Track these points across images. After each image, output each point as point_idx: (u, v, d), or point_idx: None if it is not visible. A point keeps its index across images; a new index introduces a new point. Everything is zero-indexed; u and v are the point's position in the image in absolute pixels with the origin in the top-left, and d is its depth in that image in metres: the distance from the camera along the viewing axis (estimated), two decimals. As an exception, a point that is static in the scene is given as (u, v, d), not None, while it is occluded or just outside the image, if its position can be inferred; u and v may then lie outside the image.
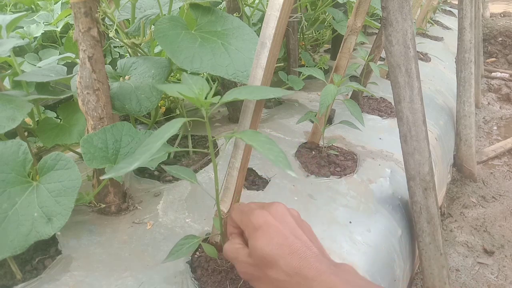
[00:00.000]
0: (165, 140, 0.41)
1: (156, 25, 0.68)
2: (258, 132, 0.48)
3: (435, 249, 0.93)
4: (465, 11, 1.55)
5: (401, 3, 0.76)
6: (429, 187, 0.89)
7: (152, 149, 0.40)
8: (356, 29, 0.93)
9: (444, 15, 3.51)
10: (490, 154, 1.91)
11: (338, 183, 0.92)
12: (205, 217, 0.76)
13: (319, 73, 0.93)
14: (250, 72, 0.53)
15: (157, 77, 0.75)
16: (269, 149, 0.44)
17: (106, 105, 0.66)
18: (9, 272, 0.60)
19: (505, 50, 3.31)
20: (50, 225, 0.54)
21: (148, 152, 0.40)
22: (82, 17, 0.60)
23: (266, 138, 0.46)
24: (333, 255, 0.73)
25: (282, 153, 0.44)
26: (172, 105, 1.12)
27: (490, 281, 1.21)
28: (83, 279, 0.60)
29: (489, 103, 2.58)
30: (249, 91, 0.49)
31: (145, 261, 0.65)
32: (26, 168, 0.57)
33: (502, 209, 1.53)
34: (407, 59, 0.80)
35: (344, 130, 1.15)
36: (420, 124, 0.84)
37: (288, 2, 0.49)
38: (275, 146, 0.45)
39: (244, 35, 0.74)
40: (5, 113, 0.61)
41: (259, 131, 0.48)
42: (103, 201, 0.74)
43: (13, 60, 0.78)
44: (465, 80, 1.61)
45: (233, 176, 0.57)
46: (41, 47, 1.35)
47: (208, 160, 0.94)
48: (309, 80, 1.56)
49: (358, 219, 0.84)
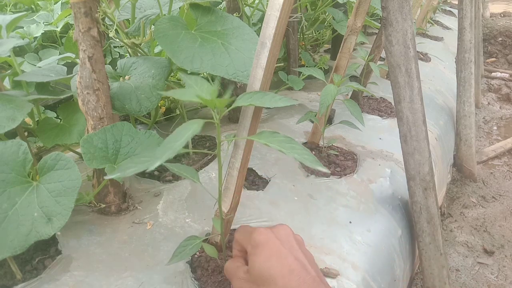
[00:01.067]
0: (187, 140, 0.41)
1: (156, 25, 0.68)
2: (275, 132, 0.47)
3: (435, 249, 0.93)
4: (465, 11, 1.55)
5: (401, 3, 0.76)
6: (429, 187, 0.89)
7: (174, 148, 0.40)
8: (356, 29, 0.93)
9: (444, 15, 3.50)
10: (490, 154, 1.91)
11: (338, 183, 0.92)
12: (205, 217, 0.76)
13: (319, 73, 0.93)
14: (250, 72, 0.53)
15: (157, 77, 0.75)
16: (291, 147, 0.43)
17: (106, 105, 0.66)
18: (9, 272, 0.60)
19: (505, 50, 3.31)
20: (50, 225, 0.54)
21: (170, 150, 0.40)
22: (82, 17, 0.60)
23: (285, 137, 0.45)
24: (333, 255, 0.73)
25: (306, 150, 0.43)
26: (172, 105, 1.12)
27: (490, 281, 1.21)
28: (83, 279, 0.60)
29: (489, 103, 2.58)
30: (260, 97, 0.49)
31: (145, 261, 0.65)
32: (26, 168, 0.57)
33: (502, 209, 1.53)
34: (407, 59, 0.80)
35: (344, 130, 1.15)
36: (420, 124, 0.84)
37: (288, 2, 0.49)
38: (297, 144, 0.44)
39: (244, 35, 0.74)
40: (5, 113, 0.61)
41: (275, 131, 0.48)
42: (103, 201, 0.74)
43: (13, 60, 0.78)
44: (465, 80, 1.61)
45: (233, 176, 0.57)
46: (41, 47, 1.35)
47: (208, 160, 0.94)
48: (309, 80, 1.56)
49: (358, 219, 0.84)
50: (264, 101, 0.49)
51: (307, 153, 0.42)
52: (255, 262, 0.49)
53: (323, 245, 0.74)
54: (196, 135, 1.06)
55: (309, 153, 0.42)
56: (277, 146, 0.43)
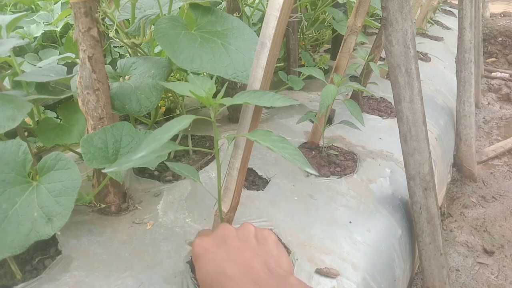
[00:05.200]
0: (174, 133, 0.40)
1: (156, 25, 0.68)
2: (269, 131, 0.47)
3: (435, 249, 0.93)
4: (465, 11, 1.55)
5: (401, 3, 0.76)
6: (429, 187, 0.89)
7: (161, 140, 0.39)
8: (356, 29, 0.93)
9: (444, 15, 3.50)
10: (490, 154, 1.91)
11: (338, 183, 0.92)
12: (205, 217, 0.75)
13: (319, 73, 0.93)
14: (250, 72, 0.53)
15: (157, 77, 0.75)
16: (283, 147, 0.43)
17: (106, 105, 0.66)
18: (9, 272, 0.60)
19: (505, 50, 3.31)
20: (50, 225, 0.54)
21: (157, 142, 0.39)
22: (82, 17, 0.60)
23: (278, 137, 0.45)
24: (333, 255, 0.73)
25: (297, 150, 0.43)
26: (172, 105, 1.12)
27: (490, 281, 1.21)
28: (83, 279, 0.60)
29: (489, 103, 2.58)
30: (258, 95, 0.49)
31: (145, 261, 0.65)
32: (26, 168, 0.57)
33: (502, 209, 1.53)
34: (407, 59, 0.80)
35: (344, 130, 1.15)
36: (420, 124, 0.84)
37: (288, 2, 0.49)
38: (289, 144, 0.44)
39: (244, 35, 0.74)
40: (5, 113, 0.61)
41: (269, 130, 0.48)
42: (103, 201, 0.74)
43: (13, 60, 0.78)
44: (465, 80, 1.61)
45: (233, 176, 0.57)
46: (41, 47, 1.35)
47: (208, 160, 0.94)
48: (309, 80, 1.56)
49: (358, 219, 0.84)
50: (262, 100, 0.49)
51: (298, 154, 0.42)
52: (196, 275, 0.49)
53: (323, 245, 0.74)
54: (196, 135, 1.06)
55: (300, 154, 0.42)
56: (269, 145, 0.43)
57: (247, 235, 0.51)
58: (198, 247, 0.50)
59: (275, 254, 0.49)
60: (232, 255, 0.47)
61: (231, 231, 0.51)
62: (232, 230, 0.52)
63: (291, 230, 0.76)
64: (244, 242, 0.49)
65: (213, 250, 0.49)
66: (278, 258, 0.49)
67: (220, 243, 0.50)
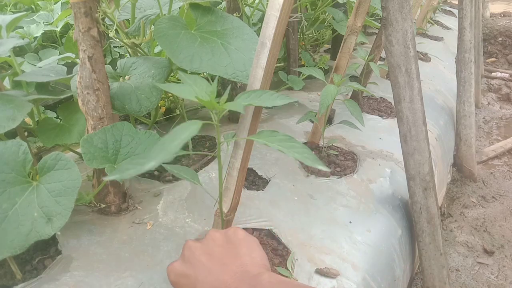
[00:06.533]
0: (184, 142, 0.39)
1: (156, 25, 0.68)
2: (275, 131, 0.47)
3: (435, 249, 0.93)
4: (465, 11, 1.55)
5: (401, 3, 0.76)
6: (429, 187, 0.89)
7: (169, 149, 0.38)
8: (356, 29, 0.93)
9: (444, 15, 3.50)
10: (490, 154, 1.91)
11: (338, 183, 0.92)
12: (205, 217, 0.75)
13: (319, 73, 0.93)
14: (250, 72, 0.53)
15: (157, 77, 0.75)
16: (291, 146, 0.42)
17: (106, 105, 0.66)
18: (9, 272, 0.60)
19: (505, 50, 3.31)
20: (50, 225, 0.54)
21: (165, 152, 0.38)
22: (82, 17, 0.60)
23: (284, 136, 0.44)
24: (333, 255, 0.73)
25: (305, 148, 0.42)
26: (172, 105, 1.12)
27: (490, 281, 1.21)
28: (83, 279, 0.60)
29: (489, 103, 2.58)
30: (258, 95, 0.49)
31: (145, 261, 0.65)
32: (26, 168, 0.57)
33: (502, 209, 1.53)
34: (407, 59, 0.80)
35: (344, 130, 1.15)
36: (420, 124, 0.84)
37: (288, 2, 0.49)
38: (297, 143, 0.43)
39: (244, 35, 0.74)
40: (5, 113, 0.61)
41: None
42: (103, 201, 0.74)
43: (13, 60, 0.78)
44: (465, 80, 1.61)
45: (233, 176, 0.57)
46: (41, 47, 1.35)
47: (208, 160, 0.94)
48: (309, 80, 1.56)
49: (358, 219, 0.83)
50: (262, 100, 0.49)
51: (308, 152, 0.41)
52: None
53: (323, 245, 0.74)
54: (196, 135, 1.06)
55: (309, 151, 0.42)
56: (277, 146, 0.43)
57: (211, 247, 0.51)
58: (171, 275, 0.51)
59: (244, 253, 0.49)
60: (201, 276, 0.48)
61: (196, 248, 0.51)
62: (196, 246, 0.52)
63: (291, 230, 0.76)
64: (209, 255, 0.50)
65: (184, 274, 0.49)
66: (249, 256, 0.49)
67: (188, 266, 0.50)
